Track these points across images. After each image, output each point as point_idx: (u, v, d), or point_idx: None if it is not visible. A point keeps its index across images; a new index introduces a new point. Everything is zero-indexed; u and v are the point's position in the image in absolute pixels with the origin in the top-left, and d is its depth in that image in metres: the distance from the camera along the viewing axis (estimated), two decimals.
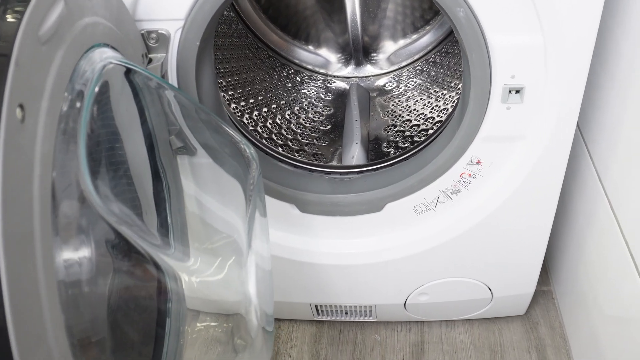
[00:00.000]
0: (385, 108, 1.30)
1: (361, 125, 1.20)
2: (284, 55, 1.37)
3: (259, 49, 1.34)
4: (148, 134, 0.74)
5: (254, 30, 1.33)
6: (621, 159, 0.88)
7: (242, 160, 0.85)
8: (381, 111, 1.30)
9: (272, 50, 1.36)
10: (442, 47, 1.30)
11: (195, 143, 0.87)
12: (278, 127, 1.22)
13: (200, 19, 0.80)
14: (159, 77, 0.77)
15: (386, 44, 1.36)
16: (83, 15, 0.59)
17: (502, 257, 1.02)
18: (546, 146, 0.86)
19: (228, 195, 0.90)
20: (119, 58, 0.65)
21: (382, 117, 1.28)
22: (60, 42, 0.53)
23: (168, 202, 0.81)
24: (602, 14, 0.74)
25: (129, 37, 0.73)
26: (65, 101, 0.53)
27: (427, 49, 1.34)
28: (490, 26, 0.77)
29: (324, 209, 0.98)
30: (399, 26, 1.33)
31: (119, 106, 0.69)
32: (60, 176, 0.51)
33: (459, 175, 0.91)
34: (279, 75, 1.34)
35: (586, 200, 1.01)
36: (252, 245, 0.83)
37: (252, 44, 1.33)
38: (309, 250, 1.01)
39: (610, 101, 0.90)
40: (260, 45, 1.34)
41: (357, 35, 1.34)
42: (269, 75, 1.32)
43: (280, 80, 1.33)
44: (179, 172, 0.85)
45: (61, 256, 0.56)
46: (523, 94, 0.82)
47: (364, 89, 1.34)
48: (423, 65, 1.33)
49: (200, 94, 0.88)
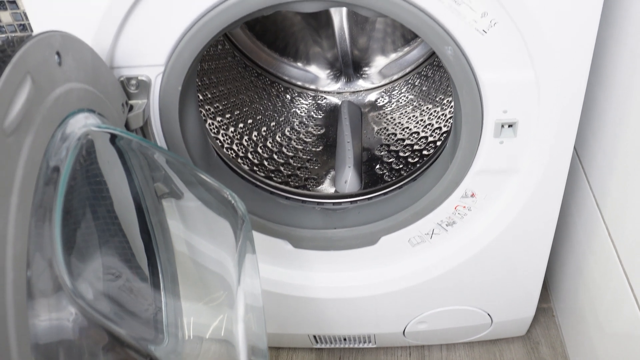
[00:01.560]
0: (378, 125, 1.28)
1: (353, 146, 1.18)
2: (272, 72, 1.34)
3: (247, 68, 1.31)
4: (135, 193, 0.72)
5: (241, 49, 1.30)
6: (617, 182, 0.86)
7: (229, 203, 0.83)
8: (374, 127, 1.27)
9: (260, 68, 1.33)
10: (434, 59, 1.28)
11: (181, 186, 0.85)
12: (269, 151, 1.20)
13: (180, 64, 0.78)
14: (138, 136, 0.75)
15: (376, 57, 1.33)
16: (54, 87, 0.57)
17: (500, 285, 1.00)
18: (541, 178, 0.84)
19: (217, 234, 0.89)
20: (95, 124, 0.63)
21: (374, 135, 1.25)
22: (29, 127, 0.51)
23: (158, 257, 0.79)
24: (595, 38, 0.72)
25: (106, 90, 0.71)
26: (38, 189, 0.51)
27: (418, 61, 1.31)
28: (480, 63, 0.74)
29: (318, 244, 0.96)
30: (389, 39, 1.30)
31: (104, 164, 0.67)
32: (37, 274, 0.49)
33: (453, 207, 0.89)
34: (268, 94, 1.32)
35: (584, 221, 0.99)
36: (241, 283, 0.82)
37: (239, 63, 1.30)
38: (303, 285, 1.00)
39: (608, 122, 0.88)
40: (248, 64, 1.32)
41: (346, 50, 1.31)
42: (259, 95, 1.30)
43: (270, 100, 1.31)
44: (166, 219, 0.83)
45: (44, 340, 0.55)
46: (516, 128, 0.79)
47: (355, 105, 1.32)
48: (415, 79, 1.30)
49: (185, 136, 0.86)
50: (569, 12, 0.69)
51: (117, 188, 0.68)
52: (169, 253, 0.83)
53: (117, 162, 0.67)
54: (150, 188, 0.75)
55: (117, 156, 0.67)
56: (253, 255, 0.87)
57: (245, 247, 0.85)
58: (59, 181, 0.54)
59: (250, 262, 0.85)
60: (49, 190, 0.55)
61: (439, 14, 0.70)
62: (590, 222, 0.96)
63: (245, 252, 0.85)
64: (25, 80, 0.51)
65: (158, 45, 0.76)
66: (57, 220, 0.52)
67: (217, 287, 0.88)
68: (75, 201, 0.61)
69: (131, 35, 0.75)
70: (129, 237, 0.75)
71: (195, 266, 0.92)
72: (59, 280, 0.53)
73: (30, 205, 0.50)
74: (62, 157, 0.56)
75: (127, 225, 0.72)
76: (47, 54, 0.56)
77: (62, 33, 0.60)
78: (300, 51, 1.33)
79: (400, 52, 1.31)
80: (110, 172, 0.66)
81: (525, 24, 0.70)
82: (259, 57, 1.33)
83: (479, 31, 0.71)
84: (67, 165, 0.56)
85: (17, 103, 0.49)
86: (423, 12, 0.70)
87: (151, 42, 0.76)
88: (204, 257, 0.90)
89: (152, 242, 0.77)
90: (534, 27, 0.70)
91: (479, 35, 0.72)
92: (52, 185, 0.55)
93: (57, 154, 0.56)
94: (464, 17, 0.70)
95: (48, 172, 0.54)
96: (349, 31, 1.28)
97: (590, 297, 1.01)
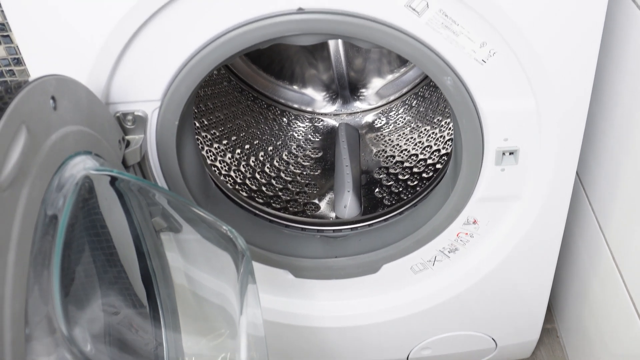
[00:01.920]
0: (376, 147, 1.27)
1: (352, 169, 1.17)
2: (268, 95, 1.34)
3: (243, 92, 1.31)
4: (136, 235, 0.71)
5: (236, 73, 1.29)
6: (621, 206, 0.85)
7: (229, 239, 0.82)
8: (372, 149, 1.27)
9: (256, 92, 1.33)
10: (430, 79, 1.27)
11: (180, 219, 0.84)
12: (267, 176, 1.19)
13: (177, 99, 0.77)
14: (138, 177, 0.74)
15: (372, 78, 1.33)
16: (50, 133, 0.56)
17: (504, 310, 0.99)
18: (544, 204, 0.83)
19: (217, 266, 0.88)
20: (92, 167, 0.61)
21: (373, 157, 1.24)
22: (25, 179, 0.50)
23: (158, 293, 0.78)
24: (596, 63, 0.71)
25: (102, 128, 0.70)
26: (36, 241, 0.50)
27: (415, 81, 1.31)
28: (480, 92, 0.74)
29: (319, 273, 0.95)
30: (385, 60, 1.30)
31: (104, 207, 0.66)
32: (34, 326, 0.48)
33: (455, 234, 0.88)
34: (265, 118, 1.31)
35: (588, 243, 0.98)
36: (243, 313, 0.81)
37: (235, 88, 1.29)
38: (305, 314, 0.99)
39: (609, 147, 0.87)
40: (244, 88, 1.31)
41: (342, 72, 1.31)
42: (255, 119, 1.29)
43: (267, 124, 1.30)
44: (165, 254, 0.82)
45: None
46: (517, 156, 0.79)
47: (353, 127, 1.31)
48: (411, 100, 1.30)
49: (183, 169, 0.84)
50: (568, 41, 0.68)
51: (117, 230, 0.67)
52: (169, 289, 0.82)
53: (116, 203, 0.66)
54: (150, 228, 0.73)
55: (116, 198, 0.66)
56: (254, 285, 0.86)
57: (247, 279, 0.84)
58: (57, 231, 0.53)
59: (251, 292, 0.84)
60: (47, 239, 0.54)
61: (438, 45, 0.70)
62: (593, 244, 0.95)
63: (247, 283, 0.84)
64: (21, 130, 0.50)
65: (154, 80, 0.75)
66: (56, 273, 0.51)
67: (219, 320, 0.87)
68: (75, 245, 0.60)
69: (127, 71, 0.74)
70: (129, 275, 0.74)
71: (196, 299, 0.91)
72: (56, 331, 0.51)
73: (27, 260, 0.48)
74: (59, 206, 0.55)
75: (128, 265, 0.71)
76: (42, 100, 0.55)
77: (57, 76, 0.59)
78: (296, 74, 1.33)
79: (396, 73, 1.31)
80: (109, 214, 0.65)
81: (524, 53, 0.69)
82: (254, 81, 1.32)
83: (478, 61, 0.71)
84: (64, 214, 0.55)
85: (12, 156, 0.48)
86: (421, 43, 0.70)
87: (147, 77, 0.75)
88: (204, 290, 0.89)
89: (152, 279, 0.76)
90: (533, 56, 0.69)
91: (478, 65, 0.71)
92: (50, 236, 0.54)
93: (54, 203, 0.55)
94: (463, 48, 0.70)
95: (46, 221, 0.53)
96: (345, 53, 1.28)
97: (595, 318, 1.00)
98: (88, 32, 0.69)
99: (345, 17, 0.69)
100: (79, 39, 0.70)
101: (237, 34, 0.70)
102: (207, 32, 0.70)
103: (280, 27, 0.69)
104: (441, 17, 0.68)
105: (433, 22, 0.68)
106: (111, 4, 0.67)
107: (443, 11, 0.67)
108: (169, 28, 0.70)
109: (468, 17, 0.67)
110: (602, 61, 0.83)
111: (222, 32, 0.70)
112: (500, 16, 0.66)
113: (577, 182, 0.99)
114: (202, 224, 0.82)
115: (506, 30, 0.67)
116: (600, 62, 0.82)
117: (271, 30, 0.69)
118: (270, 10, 0.68)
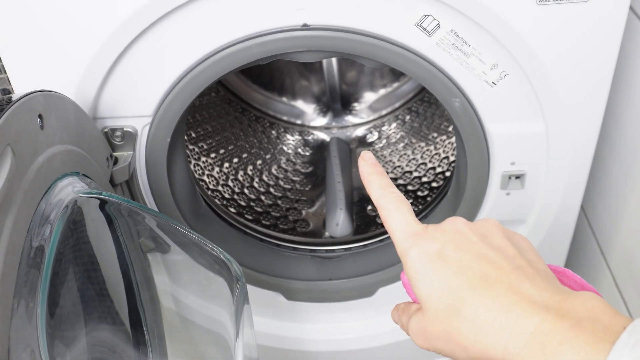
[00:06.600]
0: None
1: (344, 186, 1.13)
2: (257, 107, 1.30)
3: (232, 103, 1.26)
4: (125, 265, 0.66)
5: (225, 84, 1.25)
6: (625, 237, 0.83)
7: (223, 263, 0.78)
8: None
9: (245, 103, 1.28)
10: (424, 94, 1.24)
11: (167, 240, 0.80)
12: (257, 192, 1.15)
13: (170, 115, 0.73)
14: (127, 199, 0.69)
15: (365, 92, 1.30)
16: (37, 155, 0.51)
17: None
18: (548, 229, 0.81)
19: (208, 287, 0.84)
20: (81, 189, 0.57)
21: None
22: (9, 206, 0.45)
23: (145, 323, 0.73)
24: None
25: (90, 146, 0.65)
26: (21, 276, 0.46)
27: (408, 96, 1.28)
28: (488, 115, 0.71)
29: (313, 295, 0.91)
30: (378, 73, 1.27)
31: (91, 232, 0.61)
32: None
33: None
34: (254, 130, 1.27)
35: (590, 270, 0.97)
36: (239, 335, 0.77)
37: (223, 99, 1.25)
38: (298, 338, 0.95)
39: (613, 175, 0.85)
40: (232, 99, 1.27)
41: (334, 84, 1.27)
42: (244, 132, 1.25)
43: (256, 137, 1.26)
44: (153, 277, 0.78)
45: None
46: (524, 180, 0.76)
47: (344, 142, 1.28)
48: (404, 115, 1.27)
49: (173, 188, 0.80)
50: (583, 65, 0.66)
51: (105, 259, 0.62)
52: (156, 315, 0.78)
53: (106, 230, 0.62)
54: (140, 256, 0.69)
55: (106, 224, 0.61)
56: (248, 305, 0.82)
57: (242, 303, 0.80)
58: (42, 264, 0.49)
59: (246, 312, 0.81)
60: (33, 272, 0.49)
61: (447, 66, 0.67)
62: (596, 272, 0.93)
63: (243, 307, 0.80)
64: (6, 154, 0.46)
65: (146, 95, 0.71)
66: (42, 313, 0.46)
67: (210, 344, 0.83)
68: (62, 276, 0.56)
69: (117, 85, 0.70)
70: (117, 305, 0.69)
71: (185, 323, 0.86)
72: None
73: (11, 297, 0.44)
74: (46, 236, 0.50)
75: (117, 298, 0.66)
76: (28, 119, 0.51)
77: (45, 93, 0.55)
78: (287, 85, 1.29)
79: (389, 87, 1.28)
80: (98, 243, 0.61)
81: (537, 76, 0.67)
82: (243, 92, 1.28)
83: (488, 83, 0.68)
84: (51, 245, 0.50)
85: None
86: (430, 63, 0.67)
87: (139, 92, 0.71)
88: (194, 314, 0.85)
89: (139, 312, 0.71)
90: (546, 79, 0.67)
91: (488, 87, 0.68)
92: (36, 269, 0.49)
93: (40, 233, 0.50)
94: (473, 69, 0.67)
95: (31, 254, 0.49)
96: (338, 65, 1.25)
97: None
98: (77, 44, 0.65)
99: (352, 35, 0.66)
100: (67, 52, 0.66)
101: (237, 49, 0.66)
102: (207, 46, 0.66)
103: (283, 44, 0.66)
104: (452, 37, 0.65)
105: (444, 42, 0.65)
106: (105, 15, 0.62)
107: (454, 31, 0.65)
108: (165, 40, 0.66)
109: (480, 38, 0.65)
110: (612, 90, 0.81)
111: (222, 47, 0.66)
112: (514, 38, 0.64)
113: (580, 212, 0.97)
114: (194, 248, 0.78)
115: (519, 53, 0.65)
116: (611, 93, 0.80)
117: (274, 47, 0.66)
118: (273, 26, 0.65)
